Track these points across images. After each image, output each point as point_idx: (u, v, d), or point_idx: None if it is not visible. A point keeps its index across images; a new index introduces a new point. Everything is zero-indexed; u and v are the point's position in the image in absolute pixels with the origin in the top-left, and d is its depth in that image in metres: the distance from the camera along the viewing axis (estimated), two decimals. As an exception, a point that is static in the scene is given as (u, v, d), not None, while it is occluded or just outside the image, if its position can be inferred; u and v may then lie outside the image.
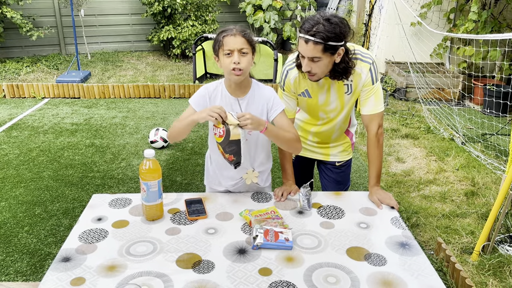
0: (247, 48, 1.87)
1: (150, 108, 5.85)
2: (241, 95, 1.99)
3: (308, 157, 2.44)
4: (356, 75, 2.02)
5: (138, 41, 8.61)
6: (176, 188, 3.74)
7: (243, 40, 1.86)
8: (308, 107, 2.22)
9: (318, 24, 1.81)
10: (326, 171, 2.45)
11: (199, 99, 2.01)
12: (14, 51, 7.87)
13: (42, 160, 4.22)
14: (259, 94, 2.01)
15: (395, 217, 1.91)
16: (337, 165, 2.41)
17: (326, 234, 1.77)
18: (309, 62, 1.89)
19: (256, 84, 2.03)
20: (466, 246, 2.97)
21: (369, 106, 2.08)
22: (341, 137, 2.37)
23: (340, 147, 2.38)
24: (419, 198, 3.61)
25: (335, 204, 2.00)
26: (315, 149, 2.40)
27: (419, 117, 5.45)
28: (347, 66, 1.94)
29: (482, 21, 5.45)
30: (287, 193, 2.06)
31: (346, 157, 2.41)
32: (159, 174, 1.80)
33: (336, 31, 1.81)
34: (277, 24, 7.97)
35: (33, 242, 2.97)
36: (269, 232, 1.70)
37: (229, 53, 1.86)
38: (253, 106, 2.00)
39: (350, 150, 2.42)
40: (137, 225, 1.81)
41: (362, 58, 2.00)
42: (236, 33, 1.85)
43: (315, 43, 1.82)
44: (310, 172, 2.55)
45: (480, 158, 4.22)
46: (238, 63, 1.84)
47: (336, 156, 2.39)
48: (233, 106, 1.99)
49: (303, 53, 1.88)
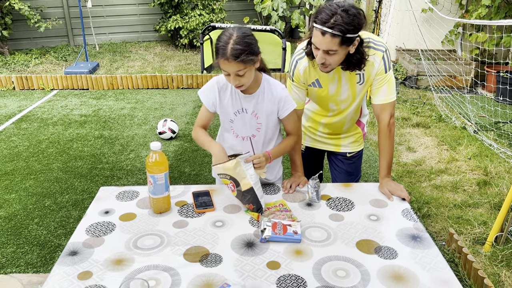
0: (244, 69, 1.76)
1: (159, 99, 5.83)
2: (250, 92, 1.95)
3: (318, 148, 2.39)
4: (369, 64, 1.94)
5: (146, 31, 8.57)
6: (184, 179, 3.73)
7: (238, 65, 1.73)
8: (318, 98, 2.15)
9: (336, 15, 1.70)
10: (336, 162, 2.40)
11: (208, 92, 1.98)
12: (23, 43, 7.89)
13: (52, 152, 4.24)
14: (269, 91, 1.95)
15: (406, 209, 1.87)
16: (348, 156, 2.35)
17: (335, 226, 1.74)
18: (324, 54, 1.80)
19: (267, 80, 1.97)
20: (478, 237, 2.92)
21: (381, 95, 2.01)
22: (352, 128, 2.30)
23: (351, 137, 2.32)
24: (430, 188, 3.56)
25: (344, 196, 1.97)
26: (325, 140, 2.35)
27: (430, 105, 5.37)
28: (361, 57, 1.86)
29: (495, 6, 5.32)
30: (295, 185, 2.03)
31: (358, 147, 2.35)
32: (165, 166, 1.78)
33: (355, 23, 1.72)
34: (285, 12, 7.88)
35: (43, 234, 2.98)
36: (277, 225, 1.67)
37: (227, 74, 1.80)
38: (262, 105, 1.96)
39: (362, 141, 2.37)
40: (145, 218, 1.80)
41: (374, 46, 1.92)
42: (229, 57, 1.71)
43: (333, 35, 1.72)
44: (320, 163, 2.51)
45: (493, 147, 4.14)
46: (236, 84, 1.81)
47: (347, 147, 2.34)
48: (242, 102, 1.96)
49: (318, 45, 1.78)
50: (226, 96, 1.97)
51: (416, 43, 6.07)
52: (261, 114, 1.98)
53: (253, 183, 1.75)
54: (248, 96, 1.95)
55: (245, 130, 2.02)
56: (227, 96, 1.97)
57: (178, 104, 5.64)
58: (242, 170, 1.73)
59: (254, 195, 1.75)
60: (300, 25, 8.02)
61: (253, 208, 1.78)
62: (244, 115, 1.98)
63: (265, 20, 8.57)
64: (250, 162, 1.80)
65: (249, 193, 1.75)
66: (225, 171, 1.75)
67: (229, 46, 1.71)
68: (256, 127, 2.01)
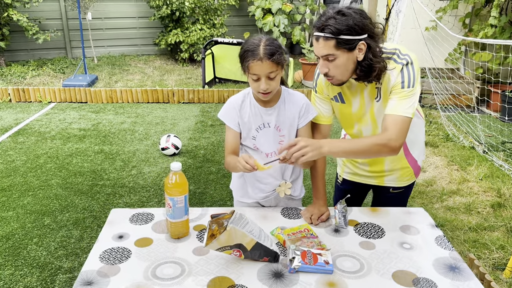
0: (276, 71, 1.71)
1: (159, 113, 5.72)
2: (271, 104, 1.86)
3: (358, 181, 2.12)
4: (386, 77, 1.72)
5: (145, 45, 8.49)
6: (190, 198, 3.59)
7: (271, 65, 1.68)
8: (341, 117, 1.97)
9: (329, 19, 1.59)
10: (376, 194, 2.17)
11: (230, 112, 1.89)
12: (20, 54, 7.76)
13: (50, 167, 4.09)
14: (289, 101, 1.88)
15: (439, 236, 1.77)
16: (391, 191, 2.08)
17: (367, 255, 1.62)
18: (325, 62, 1.66)
19: (286, 90, 1.91)
20: (497, 262, 2.82)
21: (389, 105, 1.70)
22: (396, 163, 1.98)
23: (397, 172, 2.02)
24: (443, 209, 3.46)
25: (372, 221, 1.86)
26: (366, 173, 2.07)
27: (437, 124, 5.31)
28: (371, 63, 1.64)
29: (500, 26, 5.31)
30: (317, 217, 1.84)
31: (405, 183, 2.05)
32: (185, 188, 1.67)
33: (349, 23, 1.57)
34: (286, 28, 7.84)
35: (43, 255, 2.83)
36: (306, 254, 1.55)
37: (257, 79, 1.72)
38: (284, 116, 1.87)
39: (412, 176, 2.05)
40: (162, 243, 1.67)
41: (396, 59, 1.70)
42: (263, 57, 1.67)
43: (326, 38, 1.60)
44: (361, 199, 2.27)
45: (504, 168, 4.07)
46: (267, 88, 1.72)
47: (392, 181, 2.05)
48: (263, 116, 1.86)
49: (316, 52, 1.67)
50: (246, 113, 1.87)
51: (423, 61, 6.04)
52: (283, 126, 1.88)
53: (257, 237, 1.52)
54: (269, 109, 1.86)
55: (269, 145, 1.91)
56: (247, 113, 1.87)
57: (180, 119, 5.53)
58: (239, 233, 1.47)
59: (264, 248, 1.53)
60: (301, 41, 7.99)
61: (269, 259, 1.57)
62: (267, 130, 1.88)
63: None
64: (244, 217, 1.53)
65: (258, 249, 1.52)
66: (222, 244, 1.48)
67: (261, 47, 1.68)
68: (279, 140, 1.90)
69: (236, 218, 1.50)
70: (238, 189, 2.05)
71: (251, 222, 1.55)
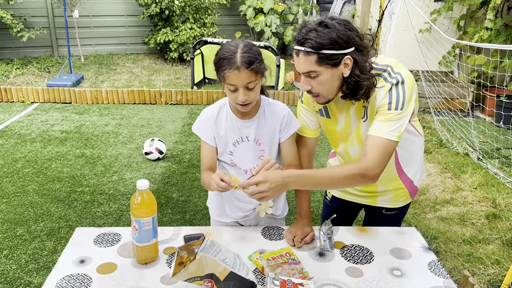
0: (255, 81, 1.55)
1: (145, 115, 5.54)
2: (250, 116, 1.70)
3: (349, 200, 1.96)
4: (373, 96, 1.55)
5: (134, 44, 8.30)
6: (172, 206, 3.43)
7: (250, 74, 1.52)
8: (327, 132, 1.80)
9: (310, 31, 1.44)
10: (368, 214, 2.03)
11: (204, 126, 1.73)
12: (4, 52, 7.54)
13: (28, 172, 3.90)
14: (270, 112, 1.73)
15: (433, 261, 1.62)
16: (384, 212, 1.92)
17: (354, 284, 1.47)
18: (307, 79, 1.51)
19: (266, 100, 1.75)
20: (493, 279, 2.68)
21: (373, 126, 1.53)
22: (389, 183, 1.81)
23: (390, 193, 1.85)
24: (436, 220, 3.32)
25: (360, 243, 1.70)
26: (358, 192, 1.91)
27: (430, 128, 5.18)
28: (358, 80, 1.48)
29: (495, 29, 5.19)
30: (299, 239, 1.68)
31: (399, 204, 1.89)
32: (153, 209, 1.50)
33: (332, 35, 1.41)
34: (278, 28, 7.69)
35: (12, 269, 2.65)
36: (286, 285, 1.40)
37: (234, 89, 1.56)
38: (264, 129, 1.71)
39: (407, 197, 1.88)
40: (127, 269, 1.51)
41: (387, 77, 1.52)
42: (240, 66, 1.50)
43: (306, 53, 1.45)
44: (352, 219, 2.12)
45: (499, 176, 3.94)
46: (246, 100, 1.57)
47: (385, 202, 1.88)
48: (241, 129, 1.70)
49: (297, 68, 1.52)
50: (222, 126, 1.72)
51: (414, 64, 5.91)
52: (263, 139, 1.73)
53: (231, 266, 1.35)
54: (247, 121, 1.70)
55: (248, 161, 1.75)
56: (223, 126, 1.71)
57: (166, 121, 5.35)
58: (210, 262, 1.31)
59: (238, 278, 1.36)
60: (293, 41, 7.84)
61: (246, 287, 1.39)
62: (246, 144, 1.73)
63: (258, 35, 8.38)
64: (216, 244, 1.37)
65: (232, 279, 1.34)
66: (192, 275, 1.31)
67: (237, 55, 1.51)
68: (259, 154, 1.74)
69: (207, 245, 1.34)
70: (215, 208, 1.89)
71: (224, 249, 1.39)
